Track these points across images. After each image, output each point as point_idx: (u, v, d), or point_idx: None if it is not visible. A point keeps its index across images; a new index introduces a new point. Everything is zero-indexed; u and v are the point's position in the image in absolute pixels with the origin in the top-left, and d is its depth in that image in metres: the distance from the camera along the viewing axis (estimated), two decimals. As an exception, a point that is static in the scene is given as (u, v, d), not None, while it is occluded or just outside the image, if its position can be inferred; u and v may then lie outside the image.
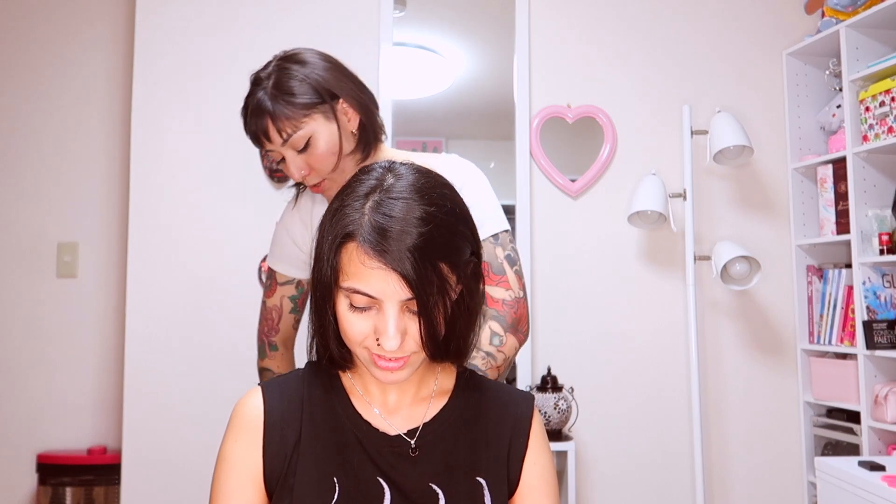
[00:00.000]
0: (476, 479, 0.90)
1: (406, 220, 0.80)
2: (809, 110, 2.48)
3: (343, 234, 0.82)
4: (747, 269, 2.20)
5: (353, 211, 0.82)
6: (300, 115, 1.27)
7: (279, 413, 0.90)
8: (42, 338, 2.38)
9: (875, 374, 2.14)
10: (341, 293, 0.84)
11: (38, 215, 2.42)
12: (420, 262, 0.79)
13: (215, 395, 2.16)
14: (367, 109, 1.36)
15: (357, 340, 0.85)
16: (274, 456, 0.88)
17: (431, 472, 0.89)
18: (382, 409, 0.92)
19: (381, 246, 0.79)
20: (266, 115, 1.27)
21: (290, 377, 0.96)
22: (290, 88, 1.27)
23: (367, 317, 0.83)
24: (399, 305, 0.82)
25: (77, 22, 2.48)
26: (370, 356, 0.85)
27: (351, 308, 0.84)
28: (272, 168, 2.24)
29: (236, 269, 2.22)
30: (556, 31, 2.42)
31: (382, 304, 0.82)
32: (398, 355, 0.84)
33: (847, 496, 1.70)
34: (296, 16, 2.31)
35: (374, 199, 0.82)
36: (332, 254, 0.83)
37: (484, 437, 0.92)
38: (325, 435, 0.90)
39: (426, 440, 0.90)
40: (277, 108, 1.26)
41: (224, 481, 0.89)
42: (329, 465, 0.88)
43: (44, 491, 2.25)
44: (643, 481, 2.32)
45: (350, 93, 1.33)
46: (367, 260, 0.80)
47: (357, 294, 0.82)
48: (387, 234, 0.79)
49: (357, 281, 0.81)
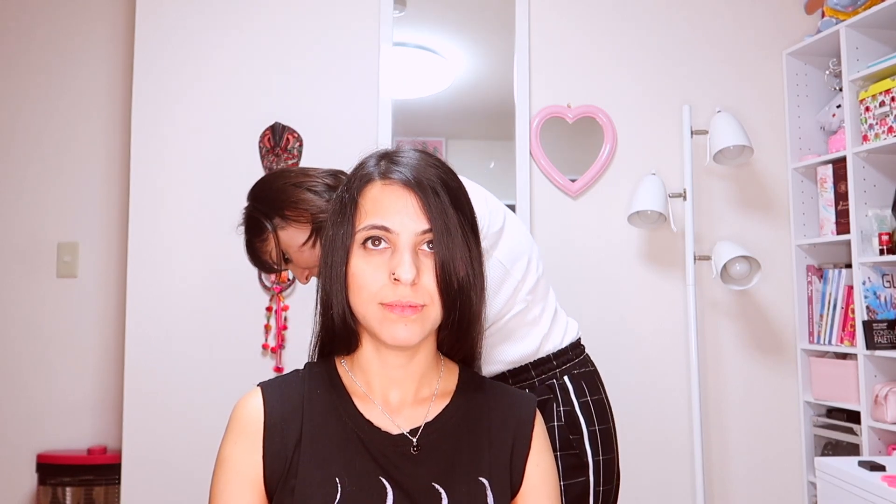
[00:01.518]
0: (479, 479, 0.90)
1: (419, 163, 0.91)
2: (809, 110, 2.48)
3: (364, 179, 0.90)
4: (747, 269, 2.19)
5: (370, 165, 0.92)
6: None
7: (280, 413, 0.90)
8: (42, 338, 2.38)
9: (875, 374, 2.14)
10: (356, 245, 0.88)
11: (38, 215, 2.42)
12: (432, 190, 0.88)
13: (215, 394, 2.16)
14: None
15: (372, 291, 0.86)
16: (274, 457, 0.88)
17: (434, 472, 0.88)
18: (385, 408, 0.92)
19: (399, 173, 0.89)
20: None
21: (290, 377, 0.96)
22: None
23: (382, 262, 0.87)
24: (415, 239, 0.86)
25: (77, 22, 2.48)
26: (383, 312, 0.86)
27: (366, 253, 0.87)
28: (272, 168, 2.24)
29: (236, 269, 2.22)
30: (556, 31, 2.42)
31: (398, 239, 0.86)
32: (415, 300, 0.86)
33: (847, 496, 1.70)
34: (296, 16, 2.31)
35: (387, 157, 0.93)
36: (352, 204, 0.89)
37: (487, 439, 0.92)
38: (327, 434, 0.89)
39: (428, 439, 0.90)
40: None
41: (223, 484, 0.88)
42: (331, 465, 0.87)
43: (44, 491, 2.25)
44: (643, 481, 2.32)
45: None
46: (385, 187, 0.88)
47: (375, 229, 0.86)
48: (404, 164, 0.90)
49: (374, 215, 0.87)
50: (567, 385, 1.35)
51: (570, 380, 1.36)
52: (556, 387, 1.34)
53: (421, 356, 0.93)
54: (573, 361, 1.38)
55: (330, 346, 0.96)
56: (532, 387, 1.35)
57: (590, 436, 1.32)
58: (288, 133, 2.26)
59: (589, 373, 1.40)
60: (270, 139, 2.25)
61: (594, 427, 1.33)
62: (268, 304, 2.22)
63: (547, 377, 1.35)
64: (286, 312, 2.23)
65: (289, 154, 2.24)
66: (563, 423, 1.31)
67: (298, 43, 2.31)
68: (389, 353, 0.92)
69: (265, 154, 2.25)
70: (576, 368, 1.38)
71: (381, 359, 0.93)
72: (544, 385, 1.35)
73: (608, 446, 1.34)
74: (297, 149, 2.26)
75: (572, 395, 1.34)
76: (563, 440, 1.30)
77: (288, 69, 2.29)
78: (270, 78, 2.29)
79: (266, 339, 2.22)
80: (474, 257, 0.91)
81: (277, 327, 2.21)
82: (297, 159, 2.25)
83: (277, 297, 2.22)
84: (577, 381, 1.36)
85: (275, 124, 2.26)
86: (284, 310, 2.23)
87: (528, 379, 1.36)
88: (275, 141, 2.25)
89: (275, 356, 2.21)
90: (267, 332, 2.21)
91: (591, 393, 1.37)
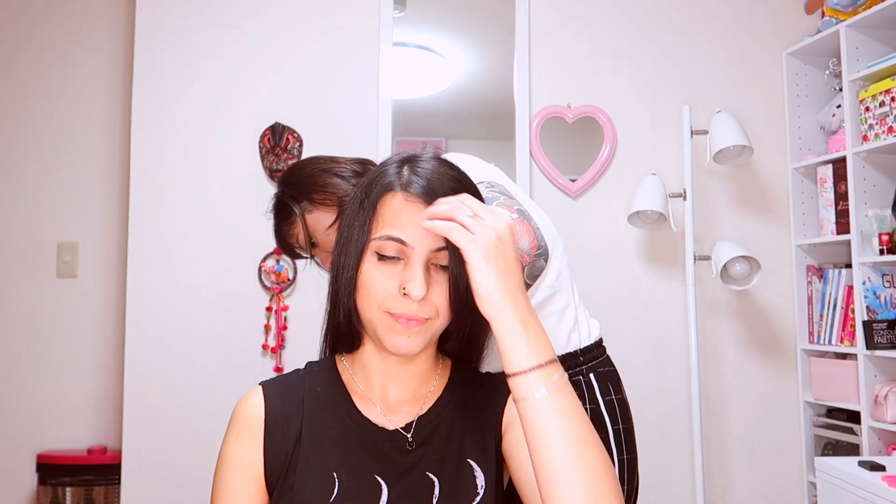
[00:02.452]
0: (467, 461, 0.91)
1: (440, 175, 0.90)
2: (809, 110, 2.48)
3: (386, 187, 0.89)
4: (747, 269, 2.19)
5: (391, 173, 0.90)
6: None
7: (280, 411, 0.91)
8: (42, 338, 2.38)
9: (875, 374, 2.14)
10: (370, 251, 0.88)
11: (38, 215, 2.42)
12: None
13: (215, 394, 2.16)
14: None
15: (379, 298, 0.87)
16: (275, 454, 0.89)
17: (427, 462, 0.90)
18: (383, 406, 0.93)
19: (419, 187, 0.87)
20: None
21: (291, 375, 0.97)
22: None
23: (393, 273, 0.87)
24: (428, 255, 0.86)
25: (77, 22, 2.48)
26: (388, 320, 0.87)
27: (379, 261, 0.87)
28: (272, 168, 2.24)
29: (236, 269, 2.22)
30: (556, 31, 2.42)
31: (412, 253, 0.86)
32: (420, 314, 0.86)
33: (847, 496, 1.70)
34: (296, 16, 2.31)
35: (409, 164, 0.91)
36: (370, 209, 0.88)
37: (472, 423, 0.94)
38: (326, 431, 0.91)
39: (423, 432, 0.92)
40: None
41: (225, 481, 0.89)
42: (329, 462, 0.89)
43: (44, 491, 2.25)
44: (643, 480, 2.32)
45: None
46: (405, 201, 0.87)
47: (390, 241, 0.86)
48: (425, 179, 0.88)
49: (392, 227, 0.86)
50: (593, 383, 1.35)
51: (595, 378, 1.35)
52: (583, 384, 1.33)
53: (422, 358, 0.95)
54: (598, 360, 1.38)
55: (335, 343, 0.98)
56: None
57: (615, 434, 1.32)
58: (288, 133, 2.26)
59: (612, 372, 1.39)
60: (270, 139, 2.25)
61: (618, 426, 1.33)
62: (268, 304, 2.22)
63: (573, 374, 1.34)
64: (286, 312, 2.23)
65: (289, 154, 2.24)
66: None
67: (298, 43, 2.31)
68: (391, 354, 0.92)
69: (265, 154, 2.25)
70: (600, 367, 1.37)
71: (382, 359, 0.94)
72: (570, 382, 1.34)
73: (630, 445, 1.35)
74: (297, 149, 2.26)
75: (598, 394, 1.34)
76: None
77: (288, 69, 2.29)
78: (270, 78, 2.29)
79: (266, 339, 2.22)
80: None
81: (277, 327, 2.21)
82: (297, 159, 2.25)
83: (277, 297, 2.22)
84: (601, 379, 1.35)
85: (275, 124, 2.26)
86: (284, 310, 2.23)
87: None
88: (275, 141, 2.25)
89: (275, 356, 2.21)
90: (267, 332, 2.21)
91: (616, 392, 1.37)
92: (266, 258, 2.22)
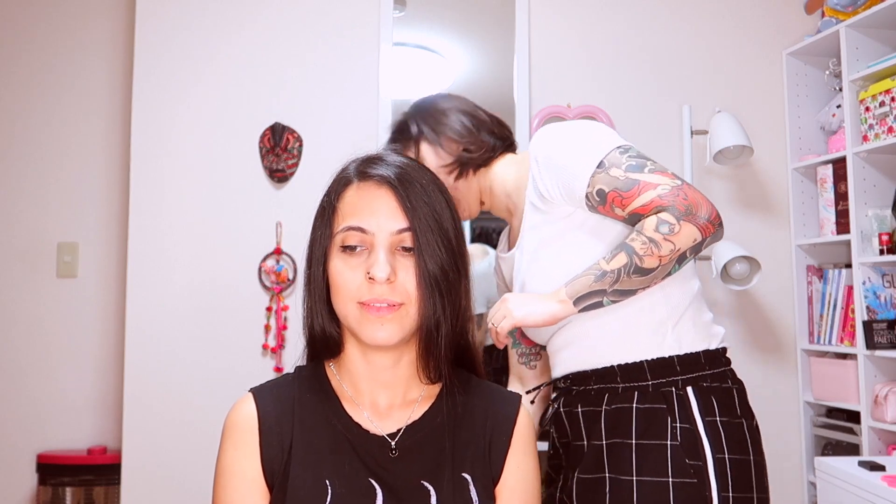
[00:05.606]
0: (462, 475, 0.91)
1: (399, 163, 0.94)
2: (809, 110, 2.48)
3: (343, 183, 0.93)
4: (747, 269, 2.19)
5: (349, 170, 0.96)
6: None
7: (273, 417, 0.91)
8: (42, 338, 2.38)
9: (875, 374, 2.14)
10: (335, 247, 0.90)
11: (38, 215, 2.42)
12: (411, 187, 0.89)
13: (215, 395, 2.16)
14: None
15: (349, 291, 0.88)
16: (271, 460, 0.89)
17: (420, 470, 0.89)
18: (372, 412, 0.93)
19: (376, 171, 0.91)
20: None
21: (281, 381, 0.97)
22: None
23: (359, 263, 0.88)
24: (391, 238, 0.88)
25: (77, 22, 2.48)
26: (361, 312, 0.87)
27: (344, 253, 0.89)
28: (272, 168, 2.24)
29: (237, 270, 2.22)
30: (556, 31, 2.41)
31: (373, 240, 0.88)
32: (391, 299, 0.87)
33: (847, 496, 1.70)
34: (296, 16, 2.31)
35: (364, 160, 0.96)
36: (331, 209, 0.91)
37: (470, 435, 0.94)
38: (317, 438, 0.90)
39: (411, 440, 0.91)
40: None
41: (229, 491, 0.88)
42: (321, 468, 0.88)
43: (44, 491, 2.25)
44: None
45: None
46: (361, 188, 0.91)
47: (350, 231, 0.88)
48: (378, 161, 0.94)
49: (350, 217, 0.89)
50: (689, 397, 1.14)
51: (695, 392, 1.15)
52: (674, 397, 1.14)
53: (407, 358, 0.94)
54: (705, 372, 1.17)
55: (314, 352, 0.98)
56: (644, 391, 1.15)
57: (716, 465, 1.09)
58: (288, 133, 2.26)
59: (727, 389, 1.18)
60: (270, 139, 2.25)
61: (723, 455, 1.10)
62: (268, 304, 2.22)
63: (663, 384, 1.15)
64: (286, 312, 2.23)
65: (289, 154, 2.24)
66: (678, 444, 1.10)
67: (298, 43, 2.31)
68: (375, 355, 0.92)
69: (265, 154, 2.25)
70: (706, 381, 1.16)
71: (367, 362, 0.93)
72: (658, 391, 1.15)
73: (745, 483, 1.11)
74: (297, 149, 2.26)
75: (695, 412, 1.13)
76: (678, 465, 1.09)
77: (288, 69, 2.29)
78: (270, 78, 2.28)
79: (266, 340, 2.22)
80: (457, 256, 0.91)
81: (277, 327, 2.21)
82: (297, 159, 2.25)
83: (277, 297, 2.22)
84: (705, 395, 1.15)
85: (275, 124, 2.26)
86: (284, 310, 2.23)
87: (640, 380, 1.16)
88: (275, 141, 2.25)
89: (275, 356, 2.21)
90: (267, 332, 2.21)
91: (727, 413, 1.15)
92: (266, 258, 2.23)
